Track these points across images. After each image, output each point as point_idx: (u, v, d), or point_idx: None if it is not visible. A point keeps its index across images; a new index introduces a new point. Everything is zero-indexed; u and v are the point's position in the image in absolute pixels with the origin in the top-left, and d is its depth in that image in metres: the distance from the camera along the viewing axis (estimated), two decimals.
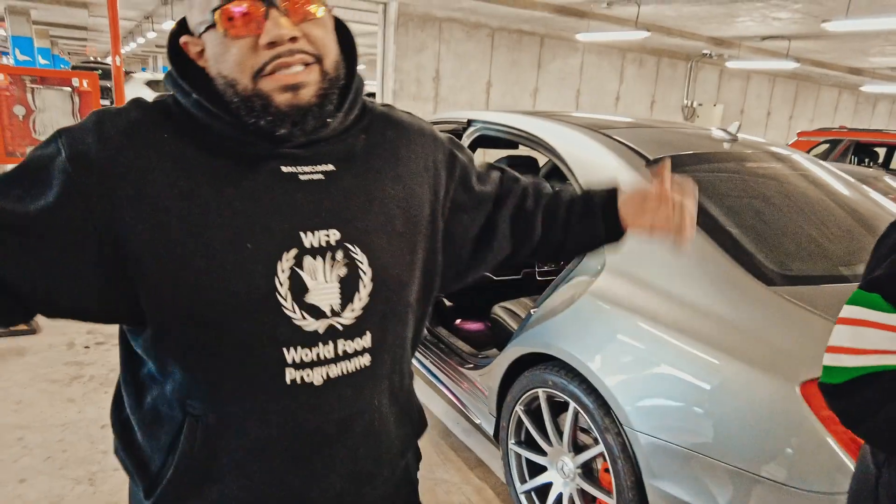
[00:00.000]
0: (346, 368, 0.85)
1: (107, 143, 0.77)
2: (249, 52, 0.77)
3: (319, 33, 0.80)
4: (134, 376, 0.90)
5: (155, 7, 13.07)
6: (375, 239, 0.87)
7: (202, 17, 0.79)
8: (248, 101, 0.78)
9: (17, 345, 3.53)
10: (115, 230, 0.76)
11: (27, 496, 2.30)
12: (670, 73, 12.83)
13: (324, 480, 0.89)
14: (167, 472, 0.85)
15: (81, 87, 6.92)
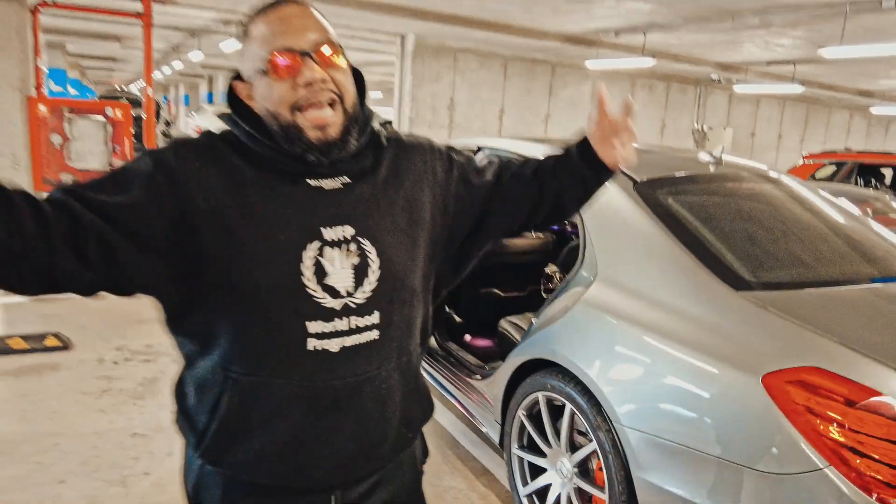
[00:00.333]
0: (357, 340, 1.05)
1: (182, 158, 1.02)
2: (289, 91, 1.01)
3: (341, 77, 1.04)
4: (188, 358, 1.12)
5: (182, 39, 13.61)
6: (382, 235, 1.08)
7: (255, 66, 1.04)
8: (287, 130, 1.02)
9: (51, 360, 3.75)
10: (184, 220, 0.99)
11: (66, 496, 2.49)
12: (680, 97, 13.03)
13: (334, 441, 1.07)
14: (211, 429, 1.06)
15: (115, 117, 7.26)
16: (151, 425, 3.06)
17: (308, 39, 1.01)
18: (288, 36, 1.01)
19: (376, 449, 1.13)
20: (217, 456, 1.07)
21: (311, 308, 1.01)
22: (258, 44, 1.03)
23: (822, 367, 1.66)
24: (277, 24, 1.02)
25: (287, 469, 1.07)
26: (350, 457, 1.10)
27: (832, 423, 1.60)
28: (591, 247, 2.38)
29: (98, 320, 4.50)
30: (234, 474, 1.09)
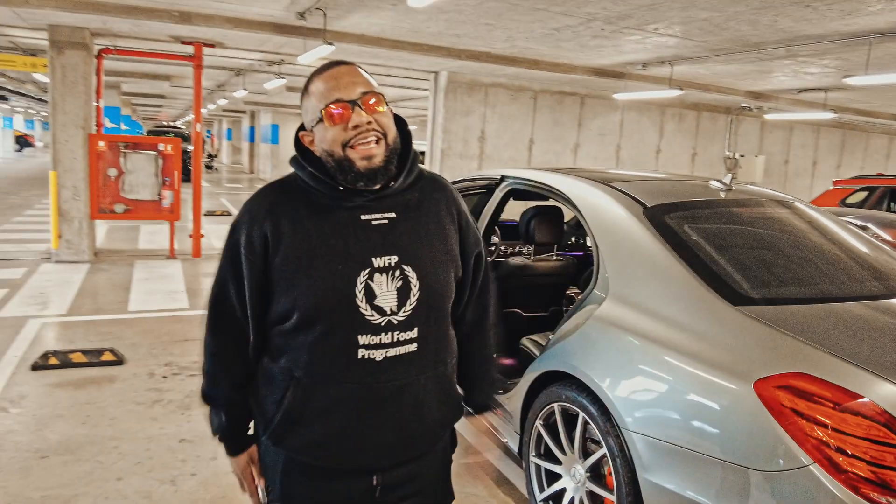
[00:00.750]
0: (399, 351, 1.28)
1: (254, 220, 1.30)
2: (341, 133, 1.25)
3: (384, 120, 1.28)
4: (265, 361, 1.37)
5: (227, 78, 14.31)
6: (422, 262, 1.32)
7: (314, 117, 1.28)
8: (340, 163, 1.26)
9: (108, 374, 4.07)
10: (269, 265, 1.28)
11: (124, 491, 2.75)
12: (710, 126, 13.10)
13: (377, 434, 1.30)
14: (277, 416, 1.30)
15: (166, 151, 7.75)
16: (198, 433, 3.32)
17: (355, 92, 1.26)
18: (339, 90, 1.25)
19: (413, 442, 1.36)
20: (279, 439, 1.32)
21: (361, 324, 1.24)
22: (316, 99, 1.28)
23: (808, 372, 1.81)
24: (331, 81, 1.27)
25: (336, 454, 1.30)
26: (391, 447, 1.32)
27: (816, 423, 1.75)
28: (603, 267, 2.57)
29: (148, 339, 4.83)
30: (292, 455, 1.32)
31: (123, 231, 10.10)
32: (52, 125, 7.27)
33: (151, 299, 6.04)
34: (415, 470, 1.41)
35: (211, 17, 6.82)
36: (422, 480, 1.44)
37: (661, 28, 6.28)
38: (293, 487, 1.35)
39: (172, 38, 8.06)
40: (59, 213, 7.39)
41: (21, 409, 3.51)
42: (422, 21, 6.64)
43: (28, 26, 7.74)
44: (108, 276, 6.98)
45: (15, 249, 8.04)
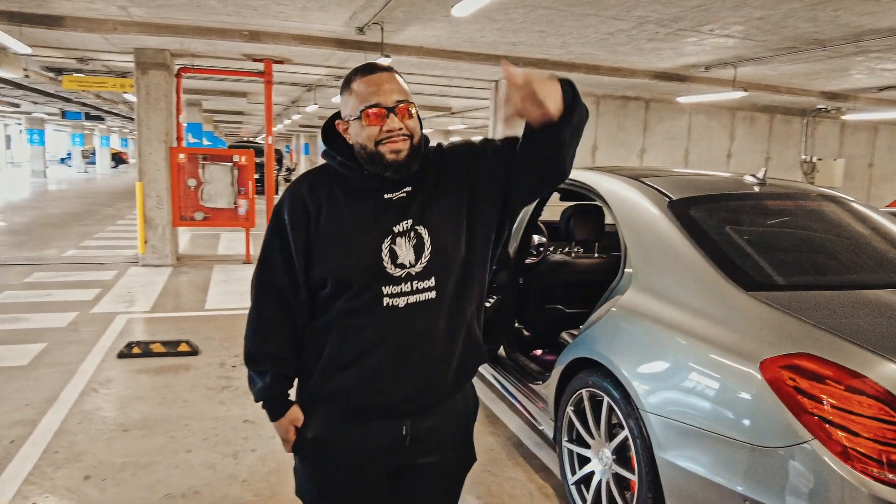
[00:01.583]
0: (419, 298, 1.47)
1: (296, 198, 1.51)
2: (376, 132, 1.44)
3: (412, 124, 1.47)
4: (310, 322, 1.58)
5: (300, 94, 15.02)
6: (432, 222, 1.51)
7: (353, 112, 1.46)
8: (371, 156, 1.46)
9: (184, 363, 4.46)
10: (310, 235, 1.49)
11: (191, 461, 3.06)
12: (785, 129, 12.64)
13: (405, 373, 1.48)
14: (317, 366, 1.51)
15: (240, 162, 8.29)
16: (260, 415, 3.61)
17: (392, 99, 1.45)
18: (379, 95, 1.43)
19: (438, 382, 1.53)
20: (321, 385, 1.51)
21: (385, 277, 1.46)
22: (357, 98, 1.46)
23: (812, 353, 1.88)
24: (373, 86, 1.44)
25: (370, 393, 1.49)
26: (418, 386, 1.50)
27: (818, 401, 1.81)
28: (629, 258, 2.68)
29: (221, 333, 5.23)
30: (332, 399, 1.52)
31: (205, 238, 10.80)
32: (138, 139, 7.94)
33: (226, 299, 6.50)
34: (440, 423, 1.58)
35: (278, 35, 7.29)
36: (445, 436, 1.61)
37: (717, 29, 6.23)
38: (329, 432, 1.54)
39: (244, 56, 8.63)
40: (145, 220, 8.04)
41: (108, 390, 3.92)
42: (475, 31, 6.85)
43: (117, 50, 8.49)
44: (189, 278, 7.53)
45: (108, 255, 8.78)
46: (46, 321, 5.38)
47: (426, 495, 1.66)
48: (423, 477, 1.62)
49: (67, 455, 3.08)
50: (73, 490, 2.77)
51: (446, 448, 1.62)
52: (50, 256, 8.47)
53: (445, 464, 1.64)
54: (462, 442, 1.68)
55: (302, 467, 1.61)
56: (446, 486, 1.70)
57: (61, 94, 15.10)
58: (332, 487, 1.57)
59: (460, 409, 1.65)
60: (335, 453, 1.55)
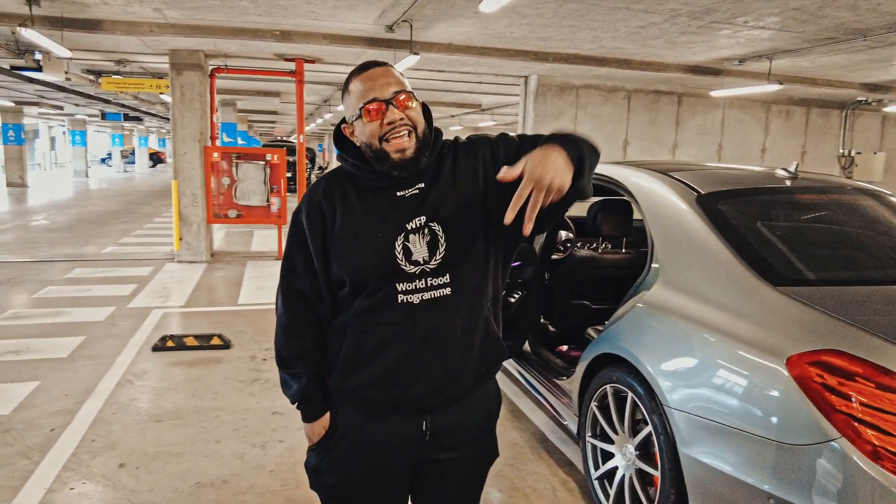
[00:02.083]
0: (433, 294, 1.47)
1: (312, 201, 1.53)
2: (377, 128, 1.43)
3: (413, 114, 1.46)
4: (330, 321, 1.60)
5: (331, 93, 15.16)
6: (447, 219, 1.51)
7: (353, 112, 1.47)
8: (377, 154, 1.45)
9: (216, 356, 4.56)
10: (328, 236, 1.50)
11: (221, 451, 3.13)
12: (822, 122, 12.30)
13: (423, 369, 1.48)
14: (336, 364, 1.53)
15: (272, 161, 8.42)
16: (289, 407, 3.68)
17: (389, 91, 1.45)
18: (375, 90, 1.43)
19: (458, 378, 1.52)
20: (340, 382, 1.53)
21: (400, 274, 1.46)
22: (355, 97, 1.48)
23: (841, 349, 1.83)
24: (368, 82, 1.46)
25: (388, 389, 1.49)
26: (437, 381, 1.50)
27: (847, 399, 1.77)
28: (655, 253, 2.65)
29: (253, 327, 5.33)
30: (351, 396, 1.53)
31: (239, 235, 11.00)
32: (173, 139, 8.13)
33: (259, 294, 6.61)
34: (461, 419, 1.58)
35: (308, 35, 7.37)
36: (466, 433, 1.61)
37: (752, 21, 6.10)
38: (350, 428, 1.55)
39: (276, 56, 8.75)
40: (180, 218, 8.22)
41: (143, 382, 4.04)
42: (505, 27, 6.83)
43: (152, 52, 8.70)
44: (223, 274, 7.69)
45: (145, 251, 9.01)
46: (86, 315, 5.56)
47: (447, 491, 1.66)
48: (444, 472, 1.62)
49: (103, 444, 3.18)
50: (109, 477, 2.86)
51: (467, 444, 1.62)
52: (90, 253, 8.73)
53: (467, 460, 1.64)
54: (483, 438, 1.68)
55: (320, 462, 1.61)
56: (467, 482, 1.69)
57: (101, 95, 15.53)
58: (352, 481, 1.57)
59: (482, 406, 1.64)
60: (356, 448, 1.55)
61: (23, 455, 3.05)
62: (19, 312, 5.58)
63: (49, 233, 10.56)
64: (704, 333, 2.19)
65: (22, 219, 12.58)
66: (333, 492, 1.61)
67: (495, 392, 1.70)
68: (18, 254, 8.48)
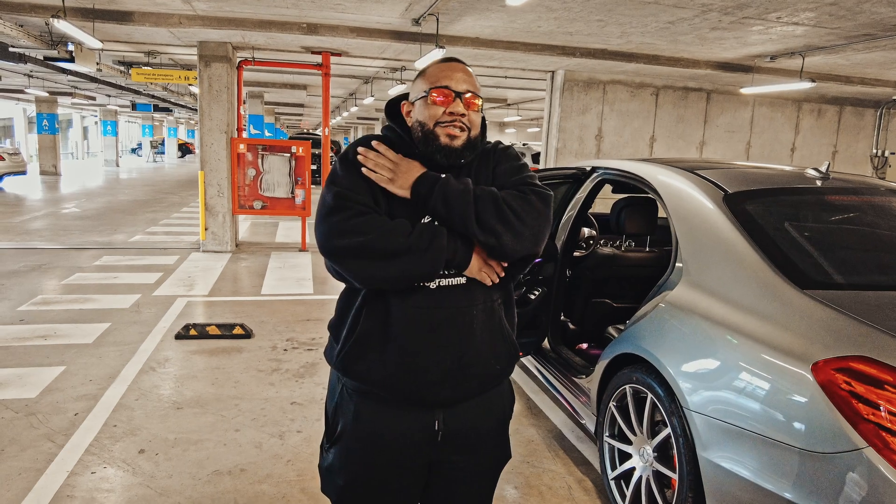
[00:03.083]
0: (449, 282, 1.47)
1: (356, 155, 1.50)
2: (439, 113, 1.47)
3: (474, 118, 1.52)
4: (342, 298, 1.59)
5: (357, 86, 15.21)
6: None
7: (420, 92, 1.51)
8: (427, 135, 1.48)
9: (237, 345, 4.61)
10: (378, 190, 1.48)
11: (239, 440, 3.16)
12: (855, 121, 11.99)
13: (435, 355, 1.47)
14: (348, 345, 1.49)
15: (298, 153, 8.47)
16: (307, 398, 3.71)
17: (461, 87, 1.49)
18: (450, 80, 1.49)
19: (469, 369, 1.50)
20: (349, 364, 1.50)
21: None
22: (428, 80, 1.52)
23: (869, 356, 1.78)
24: (445, 71, 1.51)
25: (399, 375, 1.47)
26: (449, 371, 1.48)
27: (875, 407, 1.72)
28: (679, 252, 2.60)
29: (275, 318, 5.37)
30: (361, 381, 1.50)
31: (263, 226, 11.11)
32: (200, 130, 8.22)
33: (282, 285, 6.67)
34: (474, 421, 1.56)
35: (335, 28, 7.39)
36: (479, 435, 1.59)
37: (785, 16, 5.95)
38: (361, 419, 1.53)
39: (303, 49, 8.79)
40: (206, 208, 8.32)
41: (165, 369, 4.09)
42: (532, 21, 6.77)
43: (181, 44, 8.80)
44: (247, 264, 7.77)
45: (172, 240, 9.15)
46: (112, 302, 5.66)
47: (458, 492, 1.65)
48: (456, 474, 1.61)
49: (125, 429, 3.24)
50: (129, 462, 2.91)
51: (480, 447, 1.61)
52: (118, 241, 8.88)
53: (479, 462, 1.63)
54: (497, 441, 1.66)
55: (333, 461, 1.59)
56: (479, 484, 1.68)
57: (131, 86, 15.78)
58: (362, 483, 1.56)
59: (495, 408, 1.63)
60: (366, 447, 1.53)
61: (47, 438, 3.11)
62: (48, 298, 5.70)
63: (80, 220, 10.78)
64: (728, 335, 2.14)
65: (54, 206, 12.85)
66: (344, 494, 1.59)
67: (509, 393, 1.69)
68: (50, 241, 8.66)
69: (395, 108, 1.62)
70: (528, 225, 1.46)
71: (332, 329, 1.60)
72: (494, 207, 1.43)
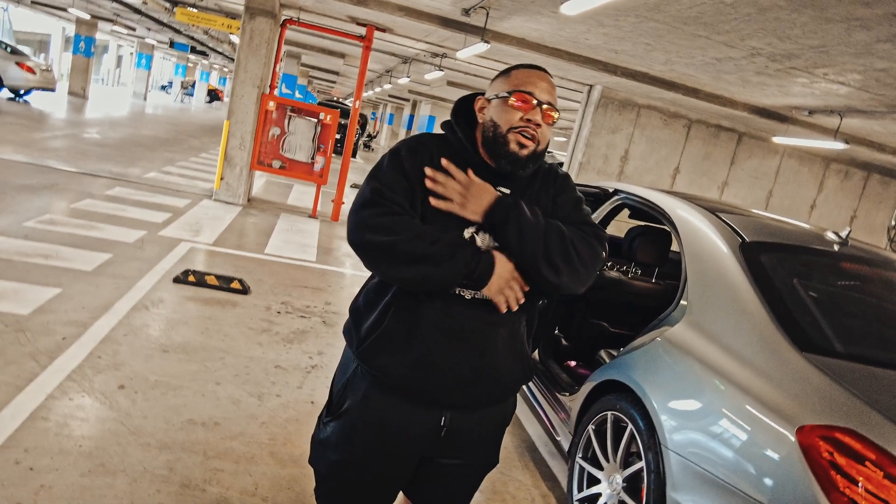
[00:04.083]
0: (484, 296, 1.46)
1: (412, 149, 1.51)
2: (516, 118, 1.46)
3: (546, 132, 1.52)
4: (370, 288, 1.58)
5: (395, 65, 15.17)
6: None
7: (499, 93, 1.50)
8: (497, 137, 1.47)
9: (233, 299, 4.62)
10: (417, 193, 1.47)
11: (218, 393, 3.18)
12: (880, 190, 11.92)
13: (455, 362, 1.48)
14: (371, 337, 1.50)
15: (325, 120, 8.46)
16: (292, 363, 3.72)
17: (544, 97, 1.49)
18: (535, 88, 1.48)
19: (484, 382, 1.52)
20: (370, 356, 1.51)
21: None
22: (512, 82, 1.51)
23: (857, 430, 1.77)
24: (532, 77, 1.51)
25: (418, 375, 1.48)
26: (466, 379, 1.50)
27: (854, 483, 1.72)
28: (687, 290, 2.60)
29: (273, 279, 5.39)
30: (379, 374, 1.51)
31: (278, 186, 11.12)
32: (234, 80, 8.20)
33: (286, 247, 6.68)
34: (477, 424, 1.58)
35: (385, 3, 7.36)
36: (478, 439, 1.61)
37: (832, 74, 5.91)
38: (370, 402, 1.53)
39: (349, 18, 8.76)
40: (226, 158, 8.33)
41: (158, 310, 4.11)
42: (580, 32, 6.73)
43: None
44: (255, 220, 7.78)
45: (185, 183, 9.16)
46: (117, 234, 5.68)
47: (444, 489, 1.67)
48: (446, 470, 1.63)
49: (108, 362, 3.26)
50: (107, 396, 2.93)
51: (476, 448, 1.63)
52: (133, 175, 8.91)
53: (471, 463, 1.66)
54: (491, 445, 1.69)
55: (330, 435, 1.59)
56: (466, 483, 1.71)
57: (173, 24, 15.76)
58: (355, 462, 1.56)
59: (498, 414, 1.66)
60: (369, 428, 1.54)
61: (32, 357, 3.13)
62: (55, 219, 5.72)
63: (99, 147, 10.80)
64: (718, 382, 2.14)
65: (76, 129, 12.88)
66: (333, 470, 1.59)
67: (512, 402, 1.72)
68: (66, 162, 8.69)
69: (463, 105, 1.60)
70: (588, 267, 1.50)
71: (355, 313, 1.60)
72: (562, 246, 1.45)
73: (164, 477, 2.44)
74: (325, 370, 3.76)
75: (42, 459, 2.39)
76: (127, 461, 2.48)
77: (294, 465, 2.68)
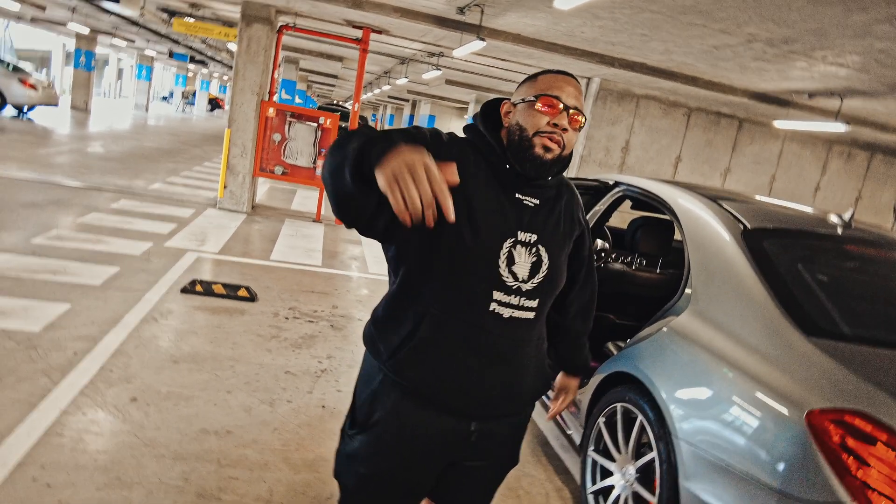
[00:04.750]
0: (520, 315, 1.44)
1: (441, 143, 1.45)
2: (542, 122, 1.43)
3: (571, 137, 1.46)
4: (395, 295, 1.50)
5: (392, 66, 15.17)
6: (553, 246, 1.51)
7: (525, 96, 1.46)
8: (522, 141, 1.43)
9: (240, 307, 4.65)
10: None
11: (230, 402, 3.20)
12: (884, 170, 11.84)
13: (487, 381, 1.47)
14: (404, 348, 1.44)
15: (325, 125, 8.48)
16: (302, 368, 3.74)
17: (571, 101, 1.44)
18: (561, 91, 1.45)
19: (512, 399, 1.53)
20: (401, 368, 1.47)
21: (498, 281, 1.43)
22: (540, 86, 1.46)
23: (866, 411, 1.78)
24: (559, 82, 1.46)
25: (450, 389, 1.46)
26: (494, 397, 1.49)
27: (865, 464, 1.72)
28: (690, 279, 2.60)
29: (280, 284, 5.41)
30: (411, 386, 1.48)
31: (282, 192, 11.15)
32: (233, 88, 8.23)
33: (292, 252, 6.71)
34: (503, 425, 1.59)
35: (381, 5, 7.37)
36: (502, 439, 1.62)
37: (831, 56, 5.88)
38: (399, 414, 1.50)
39: (345, 22, 8.77)
40: (228, 166, 8.36)
41: (167, 321, 4.14)
42: (577, 26, 6.72)
43: (227, 1, 8.79)
44: (260, 227, 7.81)
45: (190, 193, 9.21)
46: (123, 247, 5.71)
47: (468, 491, 1.68)
48: (471, 472, 1.63)
49: (120, 375, 3.28)
50: (120, 409, 2.96)
51: (500, 451, 1.64)
52: (137, 187, 8.95)
53: (494, 464, 1.67)
54: (514, 446, 1.70)
55: (357, 446, 1.55)
56: (488, 484, 1.73)
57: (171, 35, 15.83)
58: (385, 473, 1.54)
59: (521, 418, 1.67)
60: (400, 440, 1.51)
61: (44, 373, 3.17)
62: (63, 234, 5.76)
63: (103, 161, 10.86)
64: (726, 369, 2.14)
65: (80, 143, 12.95)
66: (363, 483, 1.56)
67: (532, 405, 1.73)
68: (71, 177, 8.74)
69: (489, 108, 1.58)
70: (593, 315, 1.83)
71: (379, 322, 1.54)
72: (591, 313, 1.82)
73: (180, 488, 2.46)
74: (335, 374, 3.78)
75: (59, 475, 2.42)
76: (142, 473, 2.51)
77: (308, 469, 2.70)
